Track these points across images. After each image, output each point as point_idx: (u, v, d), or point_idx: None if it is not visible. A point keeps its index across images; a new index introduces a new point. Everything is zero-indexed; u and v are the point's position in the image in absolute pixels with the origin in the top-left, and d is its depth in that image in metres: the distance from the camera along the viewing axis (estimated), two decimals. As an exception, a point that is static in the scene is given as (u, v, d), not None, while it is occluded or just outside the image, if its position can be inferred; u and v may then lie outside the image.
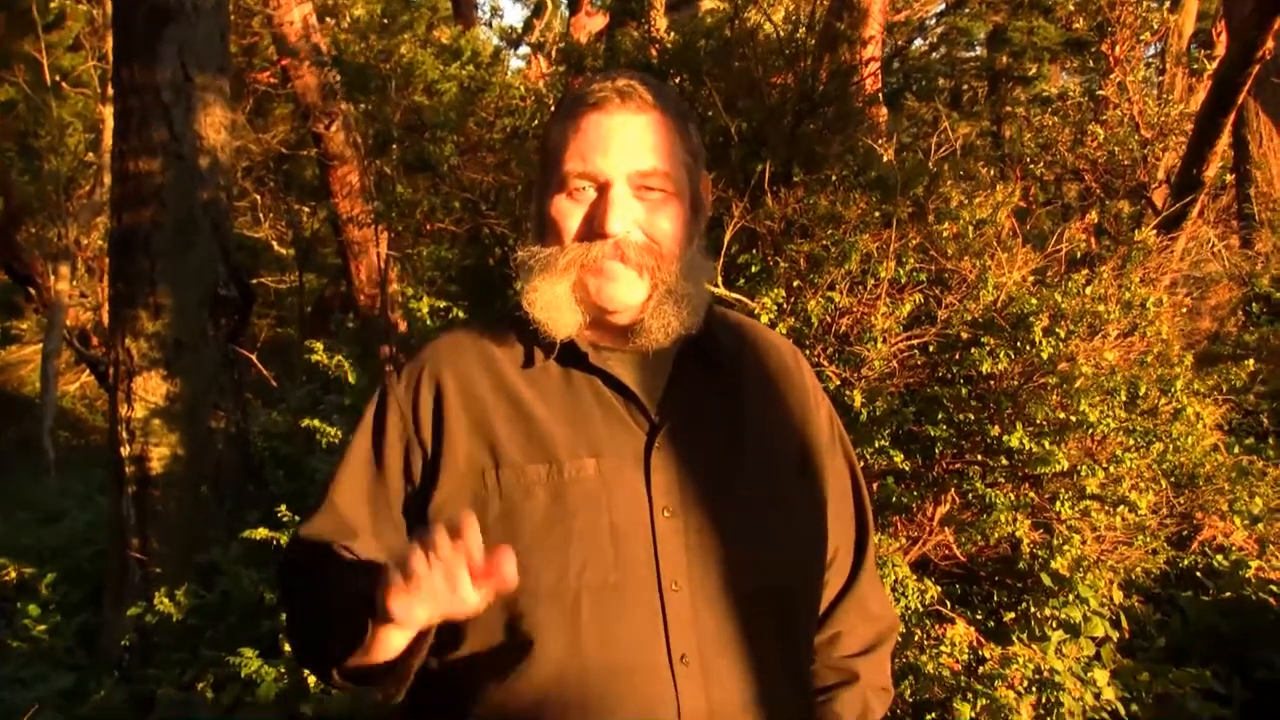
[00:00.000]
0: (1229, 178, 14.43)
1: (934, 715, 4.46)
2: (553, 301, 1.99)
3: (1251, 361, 5.55)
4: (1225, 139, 11.43)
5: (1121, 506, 4.66)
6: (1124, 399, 4.58)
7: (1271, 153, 13.47)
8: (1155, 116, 15.20)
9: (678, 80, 6.73)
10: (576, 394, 1.99)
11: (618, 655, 1.84)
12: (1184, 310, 8.58)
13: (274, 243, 19.58)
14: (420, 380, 2.03)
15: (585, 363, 2.00)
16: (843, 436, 2.20)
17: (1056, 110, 17.21)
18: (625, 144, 1.98)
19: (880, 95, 9.68)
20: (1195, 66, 17.27)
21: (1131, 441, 4.66)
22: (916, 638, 4.42)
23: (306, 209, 18.71)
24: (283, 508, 5.68)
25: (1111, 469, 4.56)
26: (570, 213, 2.00)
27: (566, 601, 1.86)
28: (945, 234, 5.23)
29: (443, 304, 5.99)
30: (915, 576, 4.64)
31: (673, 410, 1.98)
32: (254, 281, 16.72)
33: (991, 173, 8.35)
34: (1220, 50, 14.64)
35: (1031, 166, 13.98)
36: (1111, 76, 17.03)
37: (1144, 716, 4.82)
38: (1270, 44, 10.52)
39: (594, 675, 1.83)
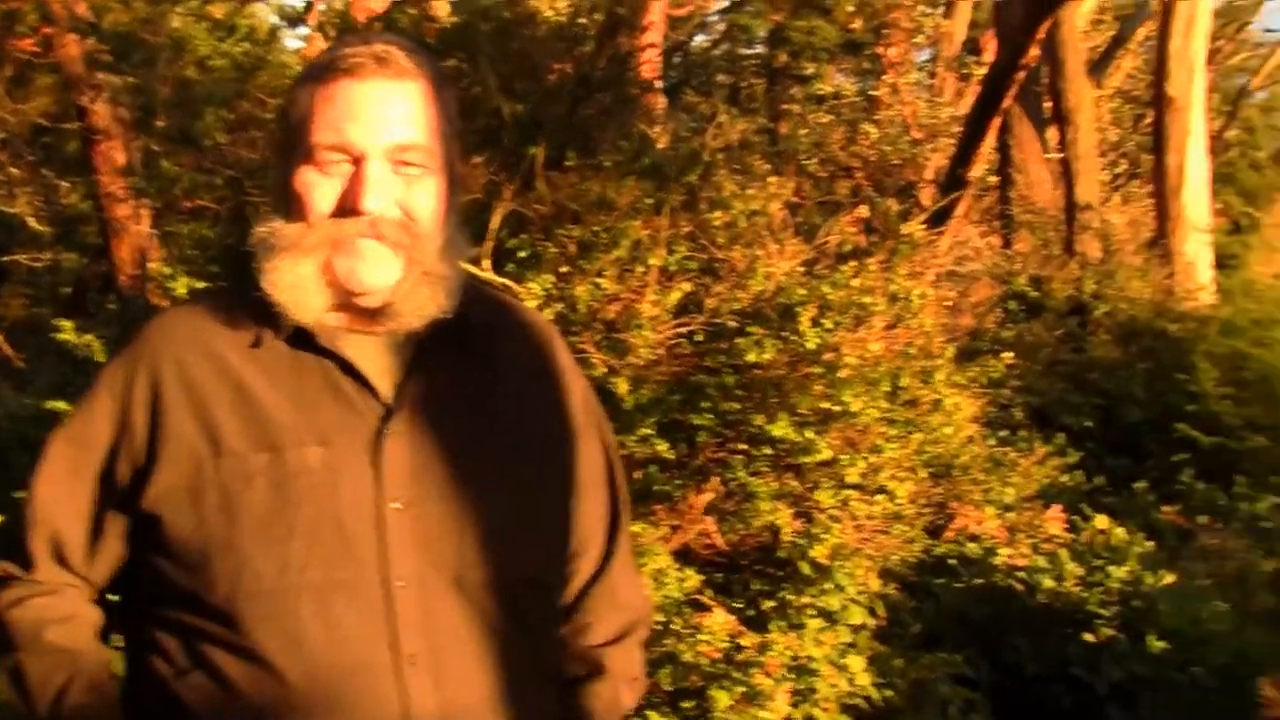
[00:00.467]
0: (994, 180, 14.94)
1: (692, 704, 4.46)
2: (296, 282, 1.84)
3: (1010, 355, 5.72)
4: (991, 142, 11.84)
5: (881, 495, 4.74)
6: (886, 390, 4.66)
7: (1031, 157, 13.98)
8: (926, 118, 15.66)
9: (454, 61, 6.63)
10: (306, 378, 1.84)
11: (341, 656, 1.74)
12: (947, 306, 8.82)
13: (30, 219, 18.73)
14: (136, 364, 1.86)
15: (316, 344, 1.87)
16: (599, 419, 2.12)
17: (831, 109, 17.57)
18: (383, 115, 1.84)
19: (658, 86, 9.73)
20: (965, 71, 17.86)
21: (893, 431, 4.75)
22: (675, 626, 4.41)
23: (67, 184, 17.94)
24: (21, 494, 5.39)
25: (872, 458, 4.64)
26: (320, 187, 1.84)
27: (288, 600, 1.74)
28: (717, 223, 5.25)
29: (201, 284, 5.76)
30: (676, 565, 4.64)
31: (411, 395, 1.86)
32: (7, 259, 15.92)
33: (766, 167, 8.47)
34: (989, 56, 15.13)
35: (805, 163, 14.24)
36: (885, 78, 17.49)
37: (897, 702, 4.91)
38: (1035, 51, 10.94)
39: (317, 678, 1.73)
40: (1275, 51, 23.17)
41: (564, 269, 5.11)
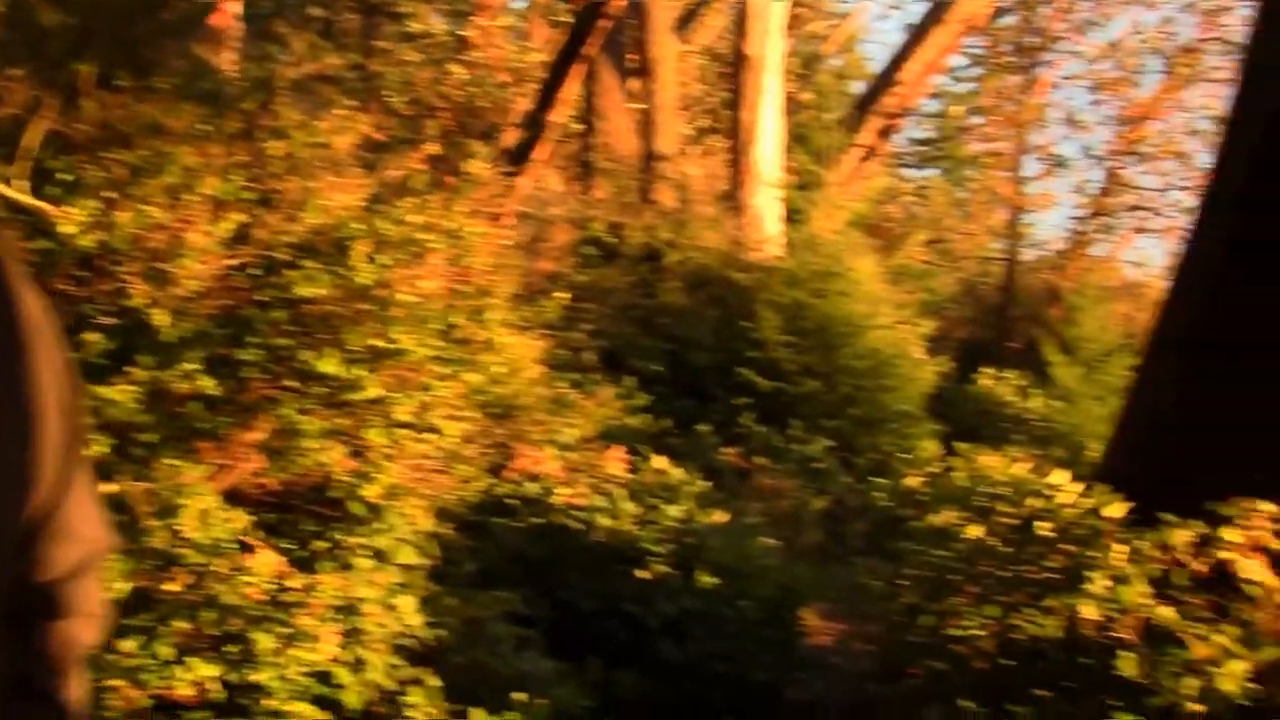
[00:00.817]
0: (581, 127, 15.14)
1: (236, 648, 4.32)
2: None
3: (566, 296, 5.78)
4: (574, 89, 11.96)
5: (434, 434, 4.70)
6: (439, 328, 4.62)
7: (613, 106, 14.24)
8: (514, 62, 15.66)
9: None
10: None
11: None
12: (524, 249, 8.86)
13: None
14: None
15: None
16: (53, 339, 1.94)
17: (422, 48, 17.35)
18: None
19: (235, 11, 9.35)
20: (555, 18, 17.98)
21: (445, 370, 4.71)
22: (216, 569, 4.25)
23: None
24: None
25: (422, 397, 4.59)
26: None
27: None
28: (275, 153, 5.07)
29: None
30: (224, 506, 4.47)
31: None
32: None
33: (348, 102, 8.26)
34: (577, 4, 15.28)
35: (391, 100, 14.01)
36: (476, 19, 17.38)
37: (450, 641, 4.91)
38: (619, 2, 11.10)
39: None
40: (846, 20, 24.52)
41: (109, 194, 4.81)
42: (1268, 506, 4.78)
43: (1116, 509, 4.86)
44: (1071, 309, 16.11)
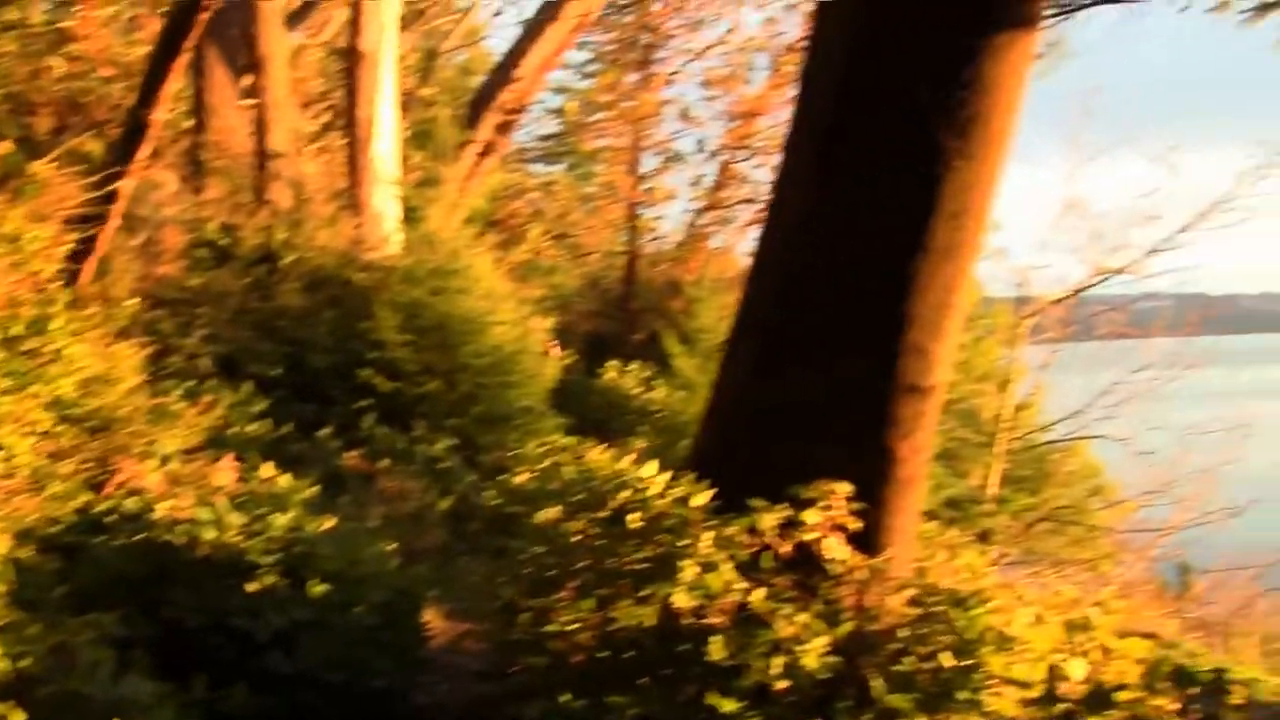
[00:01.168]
0: (192, 124, 14.61)
1: None
2: None
3: (135, 302, 5.56)
4: (179, 84, 11.55)
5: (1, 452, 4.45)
6: (3, 338, 4.37)
7: (225, 103, 13.82)
8: (119, 55, 15.03)
9: None
10: None
11: None
12: (133, 252, 8.51)
13: None
14: None
15: None
16: None
17: (19, 39, 16.43)
18: None
19: None
20: (163, 9, 17.29)
21: (11, 384, 4.45)
22: None
23: None
24: None
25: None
26: None
27: None
28: None
29: None
30: None
31: None
32: None
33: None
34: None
35: (-16, 96, 13.23)
36: (77, 9, 16.56)
37: (36, 671, 4.65)
38: (220, -9, 10.75)
39: None
40: (468, 15, 24.49)
41: None
42: (844, 487, 5.07)
43: (702, 497, 5.05)
44: (691, 300, 16.61)
